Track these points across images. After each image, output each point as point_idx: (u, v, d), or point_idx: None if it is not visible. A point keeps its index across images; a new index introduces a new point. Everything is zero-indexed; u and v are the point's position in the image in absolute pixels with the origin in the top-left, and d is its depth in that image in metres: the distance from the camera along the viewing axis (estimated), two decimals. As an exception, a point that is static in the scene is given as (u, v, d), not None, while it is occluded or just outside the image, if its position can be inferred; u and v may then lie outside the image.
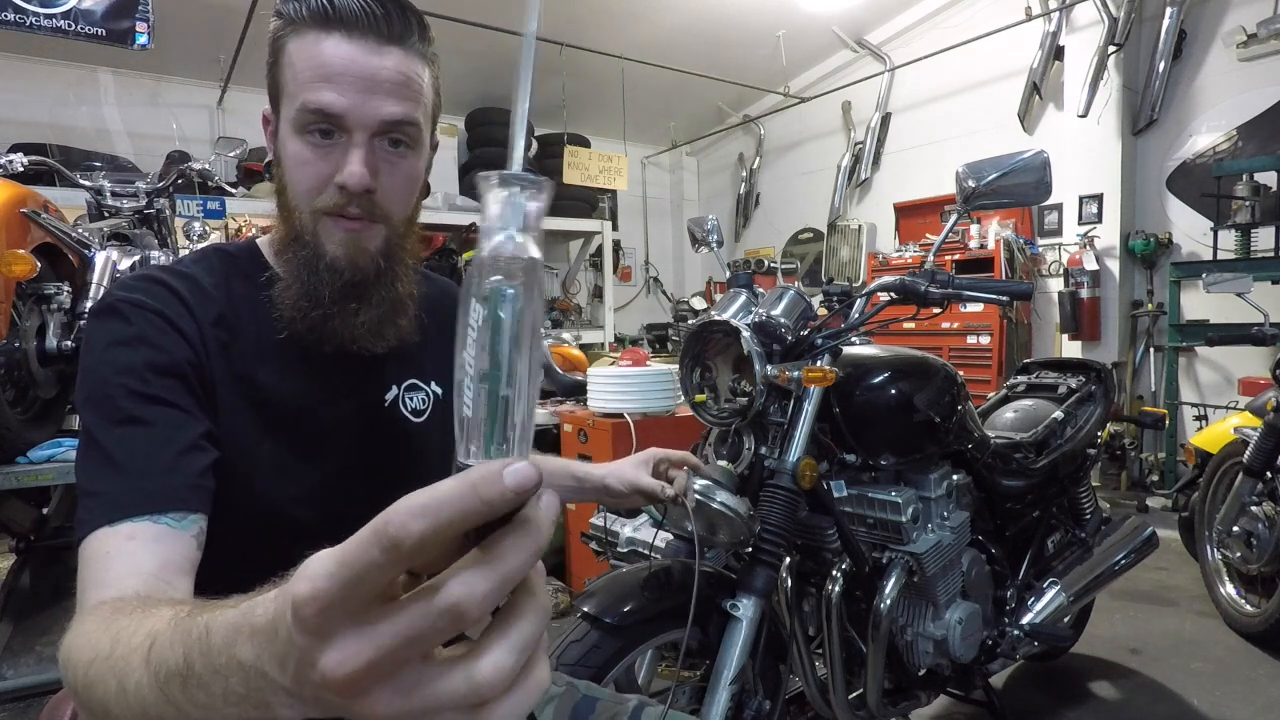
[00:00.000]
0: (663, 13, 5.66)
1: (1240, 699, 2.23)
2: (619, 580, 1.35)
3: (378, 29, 0.74)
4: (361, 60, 0.74)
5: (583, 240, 7.44)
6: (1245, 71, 4.47)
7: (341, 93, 0.73)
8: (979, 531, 1.84)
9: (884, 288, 1.53)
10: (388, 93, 0.75)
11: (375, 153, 0.76)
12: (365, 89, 0.74)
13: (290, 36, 0.75)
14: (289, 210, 0.79)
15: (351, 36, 0.74)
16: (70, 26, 3.24)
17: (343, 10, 0.73)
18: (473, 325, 0.39)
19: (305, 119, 0.74)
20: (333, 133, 0.75)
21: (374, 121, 0.75)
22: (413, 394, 0.90)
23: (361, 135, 0.75)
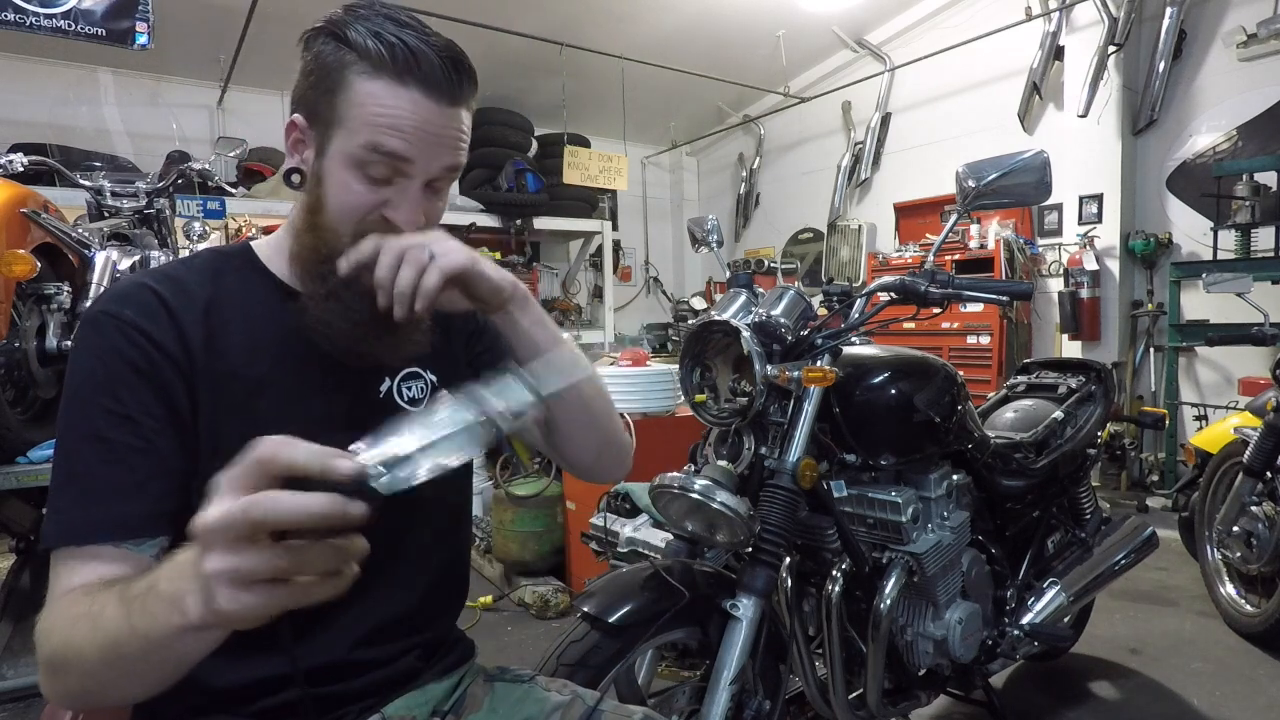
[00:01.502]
0: (663, 13, 5.66)
1: (1240, 699, 2.23)
2: (619, 580, 1.35)
3: (450, 92, 0.79)
4: (435, 119, 0.78)
5: (583, 240, 7.44)
6: (1245, 71, 4.47)
7: (410, 144, 0.77)
8: (979, 531, 1.84)
9: (884, 288, 1.53)
10: (448, 148, 0.81)
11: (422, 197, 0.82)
12: (433, 144, 0.79)
13: (362, 73, 0.77)
14: (323, 229, 0.81)
15: (428, 94, 0.77)
16: (70, 26, 3.24)
17: (426, 70, 0.77)
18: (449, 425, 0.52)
19: (369, 158, 0.77)
20: (390, 177, 0.79)
21: (435, 170, 0.81)
22: (410, 383, 0.91)
23: (419, 181, 0.80)
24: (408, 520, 0.89)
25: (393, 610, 0.88)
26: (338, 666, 0.83)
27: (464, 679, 0.96)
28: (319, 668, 0.82)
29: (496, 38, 5.18)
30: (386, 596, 0.87)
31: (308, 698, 0.81)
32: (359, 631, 0.85)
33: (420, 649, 0.91)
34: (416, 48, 0.77)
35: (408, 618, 0.90)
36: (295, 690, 0.81)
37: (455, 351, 0.98)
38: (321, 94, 0.79)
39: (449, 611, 0.98)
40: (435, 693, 0.91)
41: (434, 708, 0.90)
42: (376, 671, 0.86)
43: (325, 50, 0.78)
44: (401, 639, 0.89)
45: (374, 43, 0.76)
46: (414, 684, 0.89)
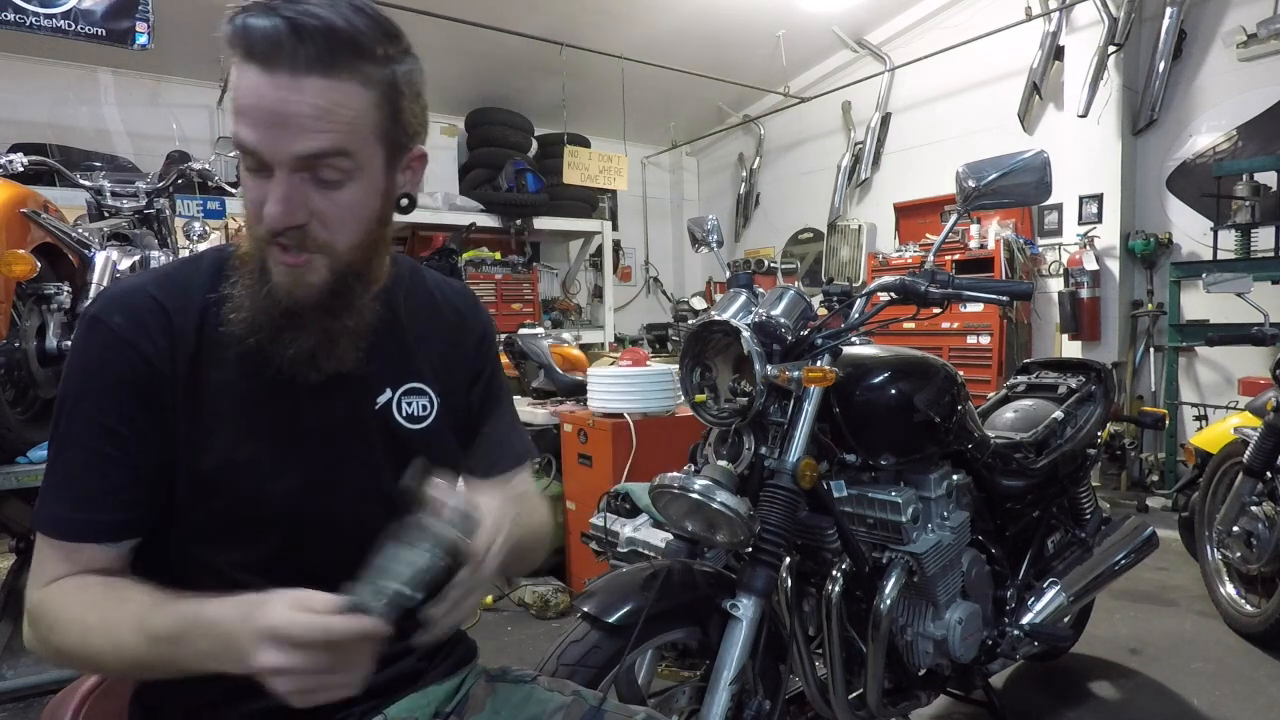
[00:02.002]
0: (663, 13, 5.66)
1: (1240, 699, 2.23)
2: (619, 580, 1.35)
3: (292, 60, 0.69)
4: (270, 95, 0.69)
5: (583, 240, 7.45)
6: (1245, 71, 4.47)
7: (253, 128, 0.70)
8: (979, 531, 1.84)
9: (884, 288, 1.53)
10: (301, 127, 0.70)
11: (300, 187, 0.73)
12: (275, 124, 0.70)
13: (234, 63, 0.72)
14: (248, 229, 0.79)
15: (266, 69, 0.69)
16: (70, 26, 3.24)
17: (255, 42, 0.69)
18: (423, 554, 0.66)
19: (238, 151, 0.74)
20: (261, 167, 0.73)
21: (287, 158, 0.71)
22: (412, 399, 0.89)
23: (281, 172, 0.72)
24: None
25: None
26: None
27: (466, 680, 0.95)
28: None
29: (496, 38, 5.18)
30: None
31: None
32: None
33: (421, 650, 0.91)
34: (252, 21, 0.69)
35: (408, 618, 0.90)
36: None
37: (457, 375, 0.96)
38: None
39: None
40: (437, 694, 0.91)
41: (436, 709, 0.90)
42: (379, 672, 0.86)
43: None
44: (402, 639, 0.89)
45: (229, 27, 0.71)
46: (416, 685, 0.89)
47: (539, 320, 6.30)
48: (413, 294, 0.95)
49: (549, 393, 3.79)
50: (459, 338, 0.97)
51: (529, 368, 3.99)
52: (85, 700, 0.88)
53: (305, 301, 0.77)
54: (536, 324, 5.55)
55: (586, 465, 3.12)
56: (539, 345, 3.94)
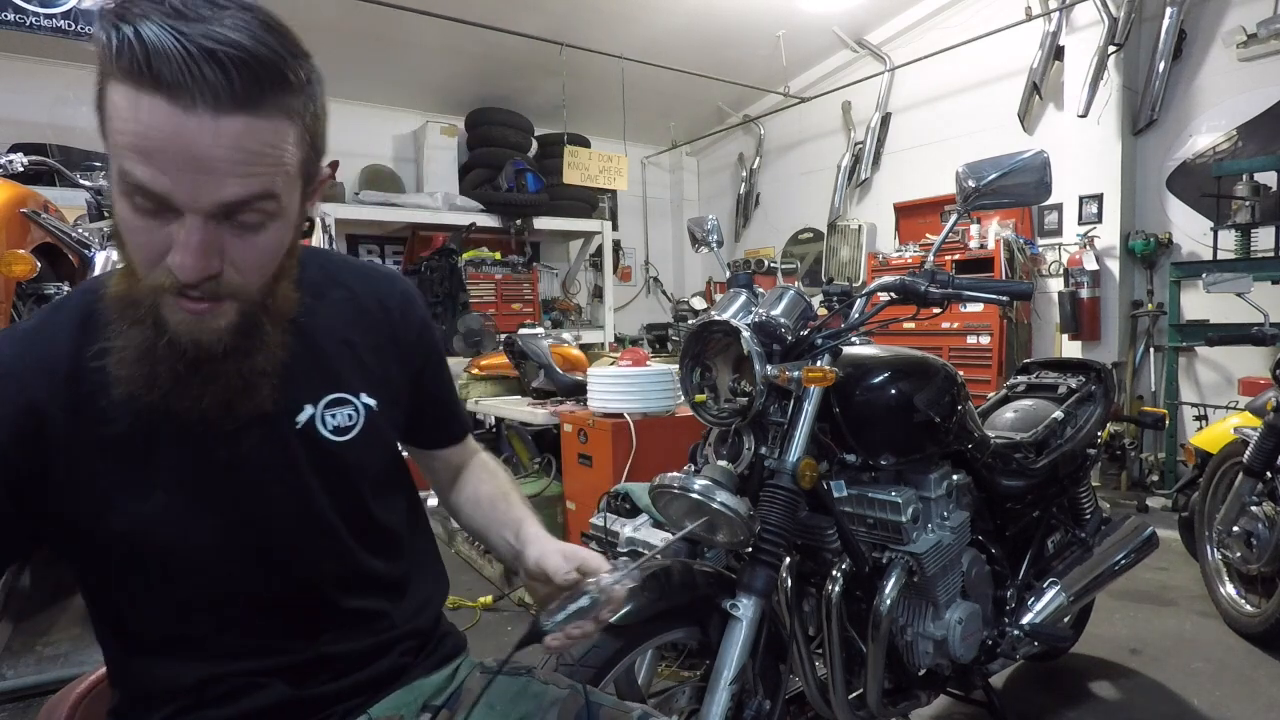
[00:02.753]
0: (663, 13, 5.66)
1: (1240, 699, 2.23)
2: (619, 580, 1.34)
3: (213, 96, 0.58)
4: (189, 135, 0.59)
5: (583, 240, 7.45)
6: (1245, 71, 4.47)
7: (164, 171, 0.60)
8: (979, 531, 1.84)
9: (884, 288, 1.53)
10: (225, 173, 0.61)
11: (215, 234, 0.64)
12: (194, 169, 0.60)
13: (111, 80, 0.61)
14: (127, 269, 0.68)
15: (176, 103, 0.58)
16: (70, 26, 3.24)
17: (161, 70, 0.57)
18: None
19: (127, 188, 0.62)
20: (161, 209, 0.62)
21: (208, 205, 0.62)
22: (336, 410, 0.83)
23: (194, 219, 0.62)
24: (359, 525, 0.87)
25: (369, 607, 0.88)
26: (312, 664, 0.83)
27: (458, 671, 0.95)
28: (299, 666, 0.82)
29: (496, 38, 5.18)
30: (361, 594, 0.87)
31: (290, 700, 0.81)
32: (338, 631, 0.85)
33: (405, 644, 0.91)
34: (153, 36, 0.57)
35: (386, 614, 0.89)
36: (278, 690, 0.80)
37: (396, 375, 0.91)
38: (97, 100, 0.65)
39: (430, 604, 0.97)
40: (424, 688, 0.90)
41: (424, 703, 0.89)
42: (362, 671, 0.86)
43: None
44: (382, 634, 0.88)
45: (113, 36, 0.58)
46: (401, 681, 0.89)
47: (539, 320, 6.31)
48: (325, 295, 0.86)
49: (549, 393, 3.79)
50: (391, 333, 0.91)
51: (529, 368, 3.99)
52: (81, 700, 0.88)
53: (213, 349, 0.68)
54: (536, 324, 5.55)
55: (586, 465, 3.12)
56: (539, 345, 3.94)
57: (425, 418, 0.99)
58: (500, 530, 0.98)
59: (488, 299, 6.29)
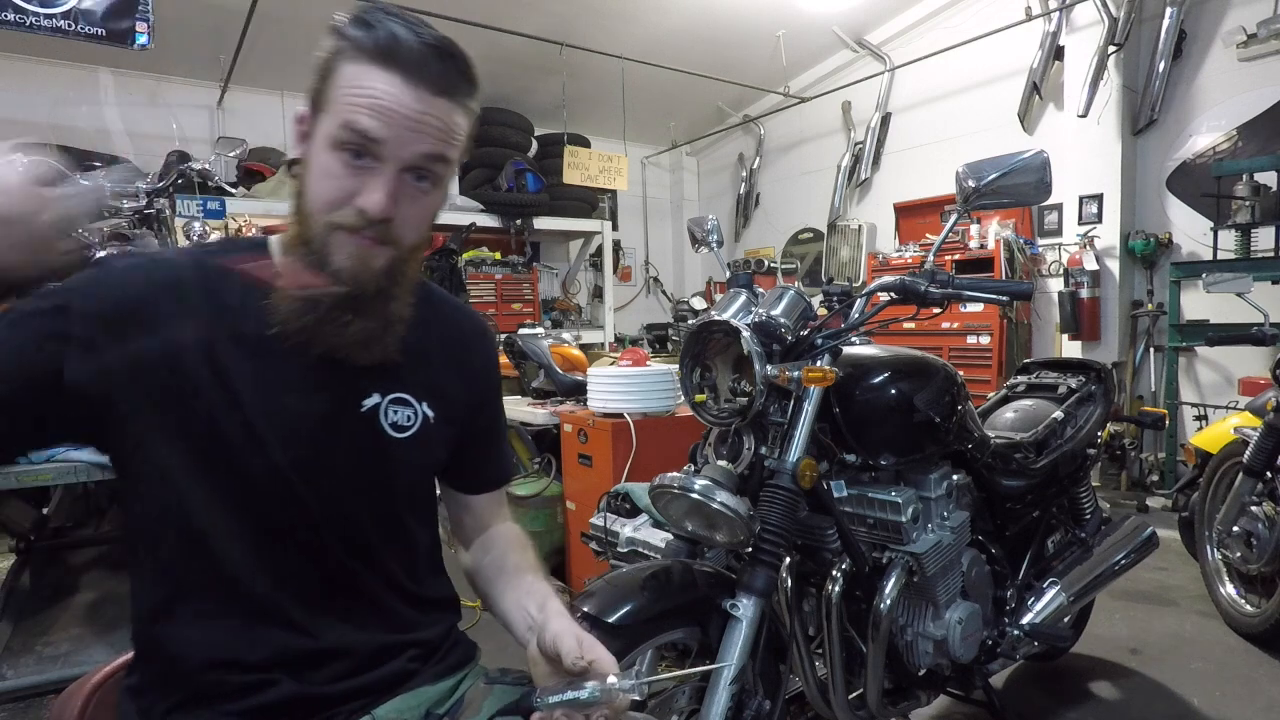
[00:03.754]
0: (663, 13, 5.66)
1: (1240, 699, 2.23)
2: (619, 580, 1.35)
3: (433, 81, 0.79)
4: (410, 103, 0.78)
5: (583, 240, 7.45)
6: (1245, 71, 4.47)
7: (384, 124, 0.77)
8: (979, 531, 1.84)
9: (884, 288, 1.53)
10: (428, 135, 0.80)
11: (400, 184, 0.80)
12: (407, 127, 0.78)
13: (347, 59, 0.79)
14: (303, 214, 0.82)
15: (408, 80, 0.78)
16: (70, 26, 3.23)
17: (406, 55, 0.78)
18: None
19: (343, 136, 0.78)
20: (364, 156, 0.78)
21: (408, 155, 0.79)
22: (398, 408, 0.90)
23: (392, 166, 0.79)
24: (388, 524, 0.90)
25: (381, 607, 0.89)
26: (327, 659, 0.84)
27: (463, 682, 0.96)
28: (308, 657, 0.83)
29: (496, 38, 5.18)
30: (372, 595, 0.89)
31: (296, 698, 0.81)
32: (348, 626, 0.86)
33: (414, 650, 0.91)
34: (402, 34, 0.78)
35: (399, 617, 0.91)
36: (286, 686, 0.81)
37: (459, 398, 0.98)
38: (317, 82, 0.81)
39: (441, 612, 0.98)
40: (429, 694, 0.91)
41: (427, 710, 0.90)
42: (368, 673, 0.87)
43: (327, 45, 0.81)
44: (391, 637, 0.90)
45: (363, 31, 0.78)
46: (407, 686, 0.89)
47: (539, 320, 6.31)
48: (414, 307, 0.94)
49: (549, 393, 3.79)
50: (463, 359, 0.99)
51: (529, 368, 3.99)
52: (95, 692, 0.88)
53: (367, 286, 0.82)
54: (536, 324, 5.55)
55: (586, 465, 3.12)
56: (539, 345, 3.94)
57: (469, 453, 1.02)
58: (523, 601, 0.95)
59: (488, 299, 6.29)
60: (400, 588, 0.92)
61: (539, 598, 0.94)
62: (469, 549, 1.08)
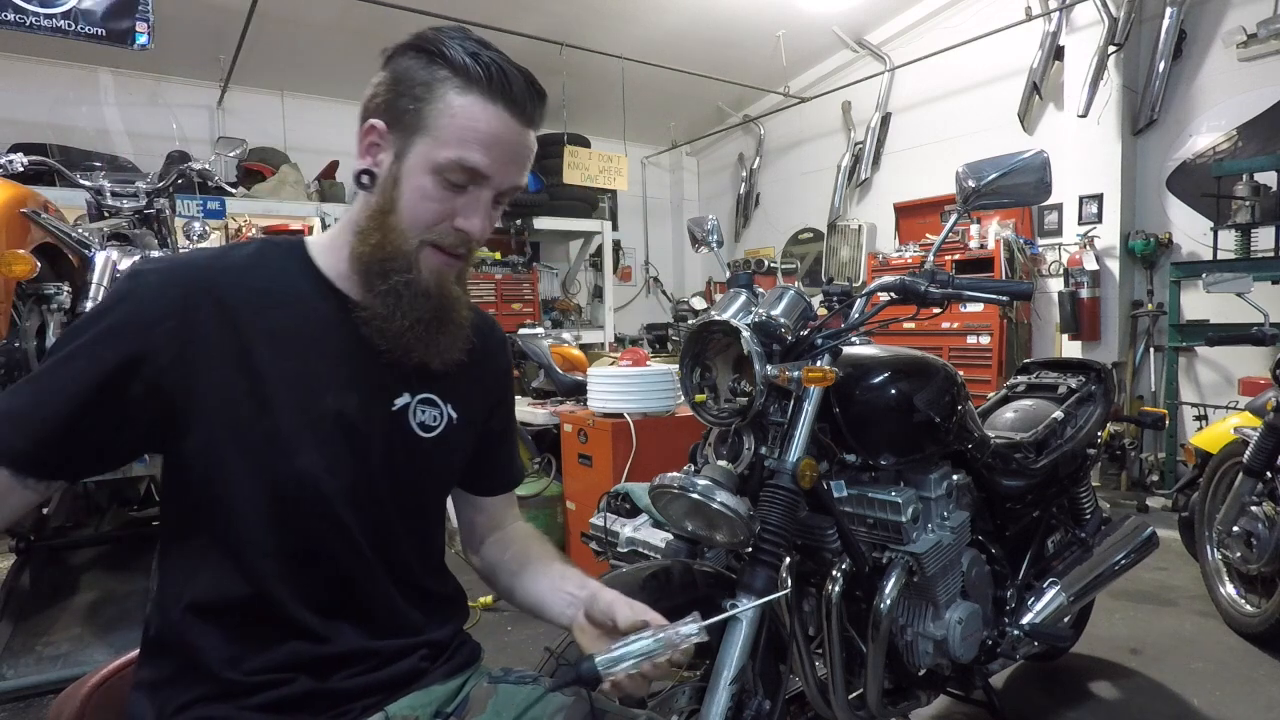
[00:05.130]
0: (663, 13, 5.66)
1: (1240, 699, 2.23)
2: (619, 580, 1.34)
3: (530, 114, 0.86)
4: (515, 137, 0.85)
5: (583, 240, 7.45)
6: (1245, 71, 4.47)
7: (492, 158, 0.83)
8: (979, 531, 1.84)
9: (884, 288, 1.53)
10: (521, 165, 0.87)
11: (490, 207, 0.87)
12: (509, 159, 0.85)
13: (456, 87, 0.82)
14: (392, 230, 0.85)
15: (512, 113, 0.84)
16: (70, 26, 3.24)
17: (515, 91, 0.84)
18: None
19: (451, 168, 0.82)
20: (466, 185, 0.84)
21: (508, 187, 0.87)
22: (426, 408, 0.93)
23: (490, 194, 0.86)
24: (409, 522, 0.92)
25: (397, 608, 0.90)
26: (344, 662, 0.85)
27: (469, 681, 0.97)
28: (325, 660, 0.84)
29: (496, 38, 5.13)
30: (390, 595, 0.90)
31: (313, 692, 0.82)
32: (366, 628, 0.87)
33: (425, 650, 0.93)
34: (508, 69, 0.84)
35: (412, 617, 0.92)
36: (302, 683, 0.82)
37: (478, 400, 1.01)
38: (409, 103, 0.83)
39: (452, 612, 1.00)
40: (439, 693, 0.92)
41: (437, 708, 0.91)
42: (382, 670, 0.88)
43: (415, 65, 0.84)
44: (407, 637, 0.91)
45: (471, 61, 0.82)
46: (418, 684, 0.91)
47: (539, 320, 6.31)
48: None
49: (549, 393, 3.79)
50: (481, 363, 1.01)
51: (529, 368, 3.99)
52: (93, 694, 0.88)
53: (450, 298, 0.88)
54: (536, 324, 5.55)
55: (586, 465, 3.12)
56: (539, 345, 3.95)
57: (485, 456, 1.05)
58: (559, 584, 0.99)
59: (488, 299, 6.29)
60: (415, 587, 0.93)
61: (576, 578, 0.99)
62: (482, 548, 1.10)
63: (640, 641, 0.79)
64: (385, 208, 0.85)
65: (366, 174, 0.86)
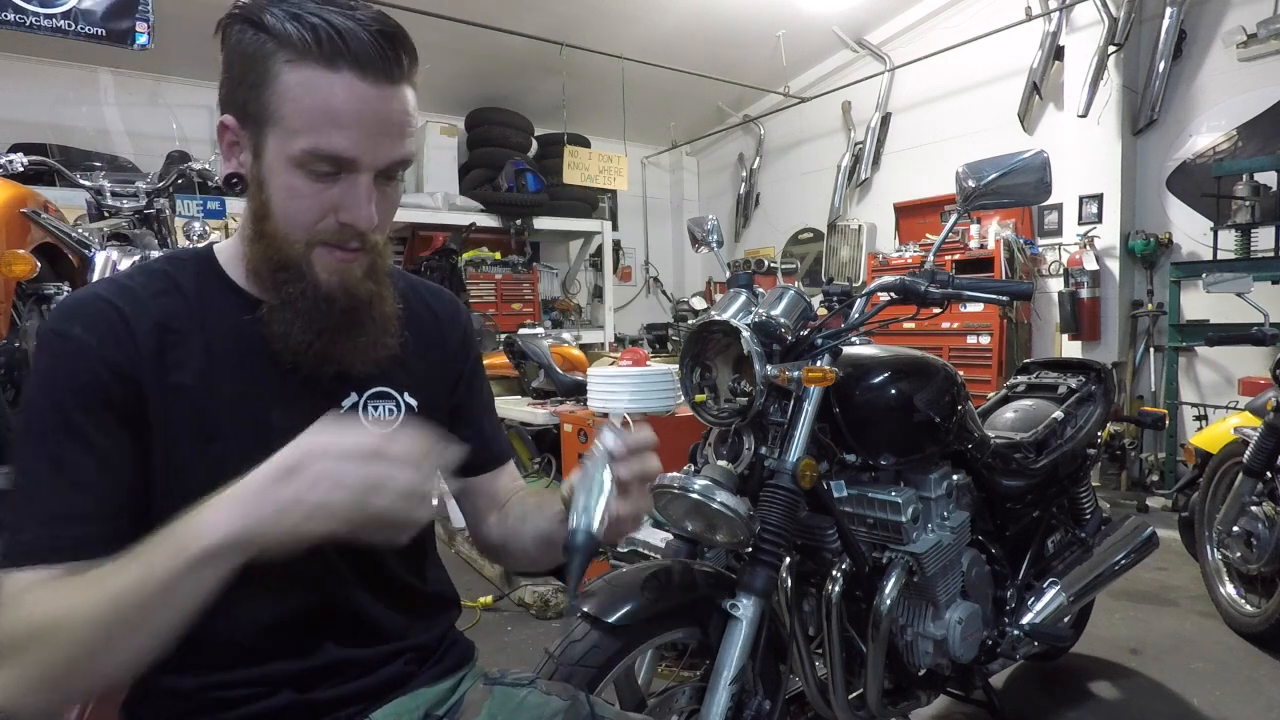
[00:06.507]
0: (663, 13, 5.66)
1: (1240, 699, 2.23)
2: (619, 580, 1.35)
3: (387, 70, 0.72)
4: (374, 104, 0.72)
5: (583, 240, 7.45)
6: (1245, 71, 4.47)
7: (354, 138, 0.72)
8: (979, 531, 1.84)
9: (884, 288, 1.53)
10: (396, 135, 0.75)
11: (376, 191, 0.77)
12: (377, 132, 0.73)
13: (288, 64, 0.71)
14: (273, 237, 0.77)
15: (363, 77, 0.71)
16: (70, 26, 3.24)
17: (356, 49, 0.70)
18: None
19: (311, 160, 0.72)
20: (338, 172, 0.74)
21: (383, 162, 0.75)
22: (378, 403, 0.87)
23: (368, 175, 0.75)
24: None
25: (377, 615, 0.87)
26: (323, 671, 0.83)
27: (462, 682, 0.95)
28: (304, 672, 0.82)
29: (496, 38, 5.19)
30: (369, 601, 0.87)
31: (295, 704, 0.81)
32: (346, 638, 0.85)
33: (411, 654, 0.90)
34: (342, 25, 0.70)
35: (394, 621, 0.89)
36: (284, 695, 0.80)
37: (438, 379, 0.95)
38: (248, 90, 0.73)
39: (438, 611, 0.96)
40: (428, 696, 0.90)
41: (426, 711, 0.89)
42: (364, 678, 0.85)
43: (244, 40, 0.73)
44: (389, 644, 0.88)
45: (294, 26, 0.70)
46: (404, 689, 0.88)
47: (539, 320, 6.31)
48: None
49: (549, 393, 3.79)
50: (438, 340, 0.96)
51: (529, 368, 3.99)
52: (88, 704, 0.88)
53: (360, 296, 0.80)
54: (536, 324, 5.55)
55: (586, 465, 3.12)
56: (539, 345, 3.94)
57: (460, 434, 0.96)
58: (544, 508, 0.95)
59: (488, 299, 6.29)
60: (396, 591, 0.90)
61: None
62: (489, 531, 1.03)
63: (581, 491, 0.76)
64: (260, 213, 0.77)
65: (234, 177, 0.78)
